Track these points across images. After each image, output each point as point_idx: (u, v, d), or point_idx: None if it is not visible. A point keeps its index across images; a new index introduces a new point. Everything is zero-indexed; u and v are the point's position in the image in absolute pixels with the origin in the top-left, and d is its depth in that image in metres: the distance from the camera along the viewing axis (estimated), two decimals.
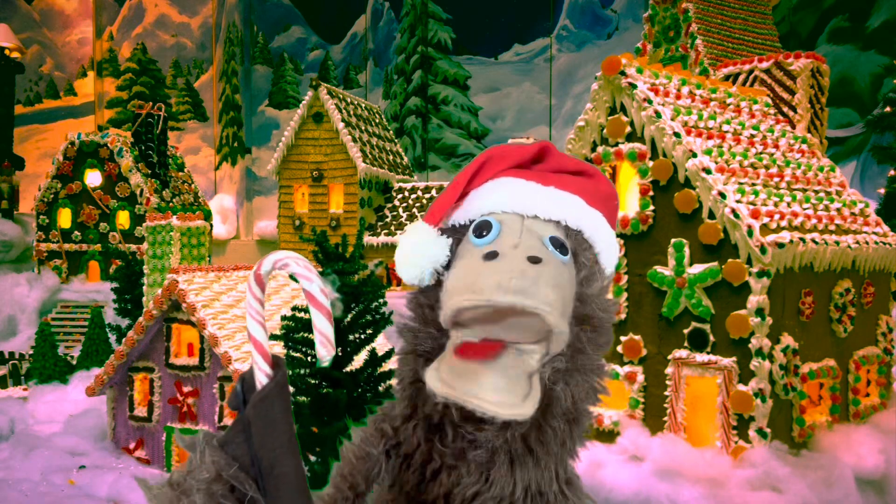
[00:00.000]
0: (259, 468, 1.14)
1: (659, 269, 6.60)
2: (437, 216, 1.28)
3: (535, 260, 1.10)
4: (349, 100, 17.50)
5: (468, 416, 1.15)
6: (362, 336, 6.33)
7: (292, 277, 1.25)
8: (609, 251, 1.31)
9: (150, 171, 17.32)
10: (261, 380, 1.17)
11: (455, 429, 1.17)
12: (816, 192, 7.20)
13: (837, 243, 6.58)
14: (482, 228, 1.20)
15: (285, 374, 1.20)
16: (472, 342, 1.11)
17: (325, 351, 1.18)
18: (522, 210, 1.22)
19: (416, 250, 1.23)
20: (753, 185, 6.57)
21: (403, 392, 1.27)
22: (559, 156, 1.33)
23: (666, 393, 6.57)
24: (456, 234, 1.26)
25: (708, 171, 6.30)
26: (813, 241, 6.30)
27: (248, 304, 1.24)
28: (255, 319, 1.23)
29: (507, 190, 1.26)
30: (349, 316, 6.24)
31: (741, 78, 8.37)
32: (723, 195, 6.19)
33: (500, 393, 1.07)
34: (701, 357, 6.35)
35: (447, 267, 1.22)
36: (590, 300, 1.21)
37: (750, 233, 6.00)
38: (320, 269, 6.21)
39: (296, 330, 6.18)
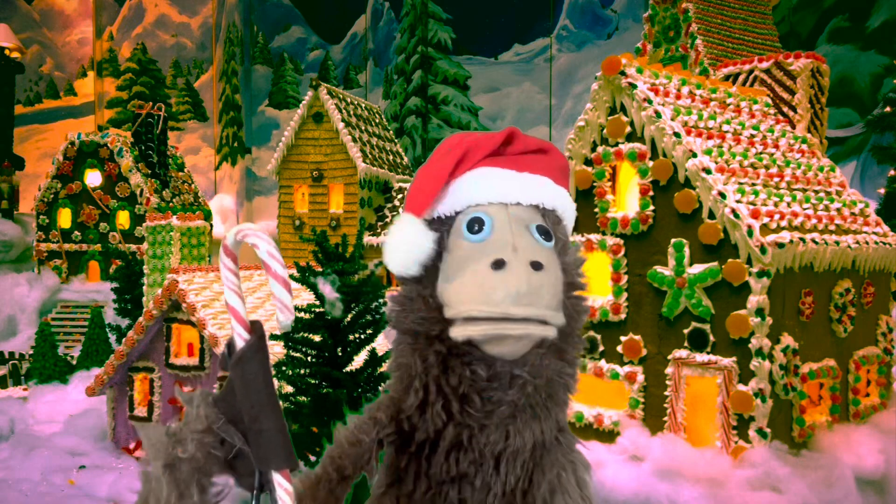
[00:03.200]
0: (243, 424, 1.25)
1: (659, 269, 6.60)
2: (423, 207, 1.36)
3: (537, 266, 1.23)
4: (349, 100, 17.50)
5: (493, 376, 1.28)
6: (362, 336, 6.33)
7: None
8: (572, 221, 1.46)
9: (150, 171, 17.33)
10: (239, 344, 1.27)
11: (481, 394, 1.28)
12: (816, 192, 7.21)
13: (837, 243, 6.58)
14: (474, 223, 1.31)
15: (263, 336, 1.29)
16: None
17: (283, 316, 1.29)
18: (506, 199, 1.33)
19: (406, 243, 1.33)
20: (753, 185, 6.57)
21: (419, 379, 1.32)
22: (524, 138, 1.44)
23: (666, 393, 6.57)
24: (444, 225, 1.35)
25: (708, 171, 6.30)
26: (813, 241, 6.30)
27: (224, 277, 1.34)
28: (231, 290, 1.33)
29: (488, 181, 1.35)
30: (349, 316, 6.24)
31: (741, 78, 8.37)
32: (723, 195, 6.19)
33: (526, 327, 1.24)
34: (701, 357, 6.36)
35: (439, 258, 1.33)
36: (569, 267, 1.35)
37: (750, 233, 6.00)
38: (320, 269, 6.21)
39: (296, 330, 6.17)
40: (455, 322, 1.26)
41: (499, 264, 1.22)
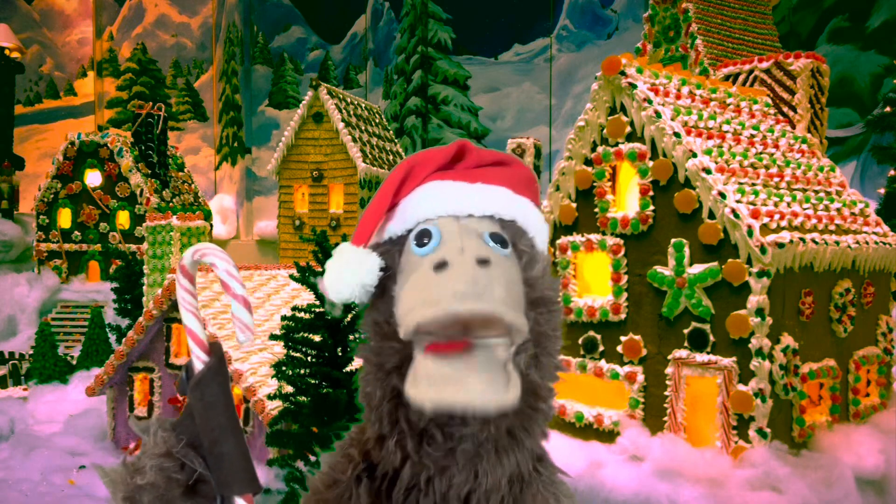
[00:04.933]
0: (203, 448, 1.22)
1: (659, 269, 6.61)
2: (366, 235, 1.31)
3: (483, 262, 1.13)
4: (349, 100, 17.50)
5: (454, 414, 1.17)
6: (362, 336, 6.33)
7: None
8: (541, 234, 1.36)
9: (150, 171, 17.33)
10: (197, 366, 1.25)
11: (442, 430, 1.18)
12: (816, 192, 7.21)
13: (837, 243, 6.58)
14: (422, 237, 1.23)
15: (222, 358, 1.26)
16: (440, 342, 1.13)
17: (243, 336, 1.26)
18: (456, 211, 1.26)
19: (344, 271, 1.25)
20: (753, 185, 6.57)
21: (376, 412, 1.24)
22: (477, 151, 1.36)
23: (666, 393, 6.57)
24: (395, 245, 1.28)
25: (708, 171, 6.30)
26: (813, 241, 6.30)
27: (181, 297, 1.31)
28: (188, 310, 1.30)
29: (437, 194, 1.28)
30: (349, 316, 6.24)
31: (741, 78, 8.37)
32: (723, 195, 6.19)
33: (484, 390, 1.09)
34: (701, 357, 6.35)
35: (393, 280, 1.25)
36: (536, 282, 1.25)
37: (750, 233, 6.00)
38: (320, 269, 6.21)
39: (296, 330, 6.18)
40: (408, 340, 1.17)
41: (441, 265, 1.13)
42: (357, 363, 6.47)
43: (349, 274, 1.24)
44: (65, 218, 17.23)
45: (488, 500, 1.21)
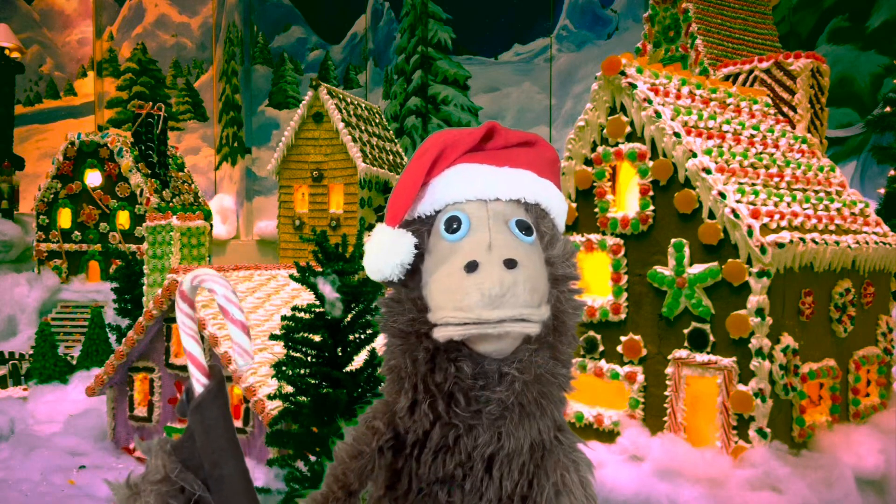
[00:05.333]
0: (204, 470, 1.23)
1: (659, 269, 6.60)
2: (399, 215, 1.36)
3: (510, 264, 1.20)
4: (349, 100, 17.49)
5: (480, 374, 1.26)
6: (362, 336, 6.33)
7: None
8: (562, 214, 1.43)
9: (150, 171, 17.32)
10: (197, 389, 1.27)
11: (466, 394, 1.26)
12: (816, 192, 7.21)
13: (837, 243, 6.58)
14: (452, 223, 1.30)
15: (222, 381, 1.29)
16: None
17: (241, 361, 1.28)
18: (484, 196, 1.32)
19: (384, 252, 1.33)
20: (753, 185, 6.57)
21: (409, 380, 1.31)
22: (505, 132, 1.41)
23: (666, 393, 6.57)
24: (424, 225, 1.35)
25: (708, 171, 6.30)
26: (813, 241, 6.30)
27: (181, 322, 1.33)
28: (188, 335, 1.32)
29: (466, 177, 1.34)
30: (349, 316, 6.23)
31: (741, 78, 8.37)
32: (723, 195, 6.19)
33: (512, 343, 1.24)
34: (701, 357, 6.35)
35: (421, 258, 1.33)
36: (557, 261, 1.33)
37: (750, 233, 6.00)
38: (320, 269, 6.21)
39: (296, 330, 6.17)
40: (436, 325, 1.25)
41: (471, 266, 1.21)
42: (358, 363, 6.46)
43: (389, 254, 1.32)
44: (65, 218, 17.22)
45: (510, 464, 1.28)
